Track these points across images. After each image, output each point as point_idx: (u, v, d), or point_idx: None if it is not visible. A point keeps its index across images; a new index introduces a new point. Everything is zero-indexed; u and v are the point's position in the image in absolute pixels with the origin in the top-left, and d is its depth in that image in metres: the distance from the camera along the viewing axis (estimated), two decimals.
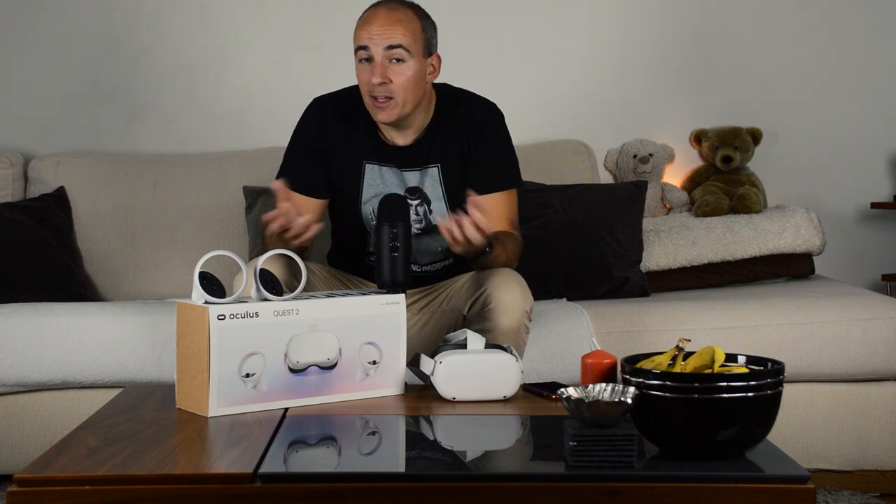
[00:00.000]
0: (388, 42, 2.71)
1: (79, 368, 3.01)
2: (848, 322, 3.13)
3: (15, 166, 3.70)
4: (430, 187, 2.83)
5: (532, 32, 4.02)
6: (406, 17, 2.74)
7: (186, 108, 3.96)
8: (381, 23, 2.72)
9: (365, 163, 2.83)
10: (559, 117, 4.03)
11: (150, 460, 1.91)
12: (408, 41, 2.72)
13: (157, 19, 3.94)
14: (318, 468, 1.96)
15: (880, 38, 4.08)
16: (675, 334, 3.01)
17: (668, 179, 4.02)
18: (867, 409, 3.15)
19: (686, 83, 4.06)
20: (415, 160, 2.83)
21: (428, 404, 2.33)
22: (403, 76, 2.72)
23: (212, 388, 2.19)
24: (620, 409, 1.86)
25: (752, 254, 3.61)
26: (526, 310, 2.68)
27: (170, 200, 3.68)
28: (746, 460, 1.90)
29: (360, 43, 2.73)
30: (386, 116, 2.74)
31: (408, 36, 2.72)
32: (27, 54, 3.91)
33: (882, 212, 4.09)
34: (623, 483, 1.82)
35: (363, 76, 2.75)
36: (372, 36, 2.71)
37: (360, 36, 2.73)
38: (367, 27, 2.73)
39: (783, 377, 1.92)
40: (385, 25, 2.71)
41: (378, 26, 2.71)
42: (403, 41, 2.72)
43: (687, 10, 4.05)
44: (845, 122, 4.08)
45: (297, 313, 2.27)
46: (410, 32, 2.73)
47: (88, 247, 3.62)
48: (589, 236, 3.50)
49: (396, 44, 2.71)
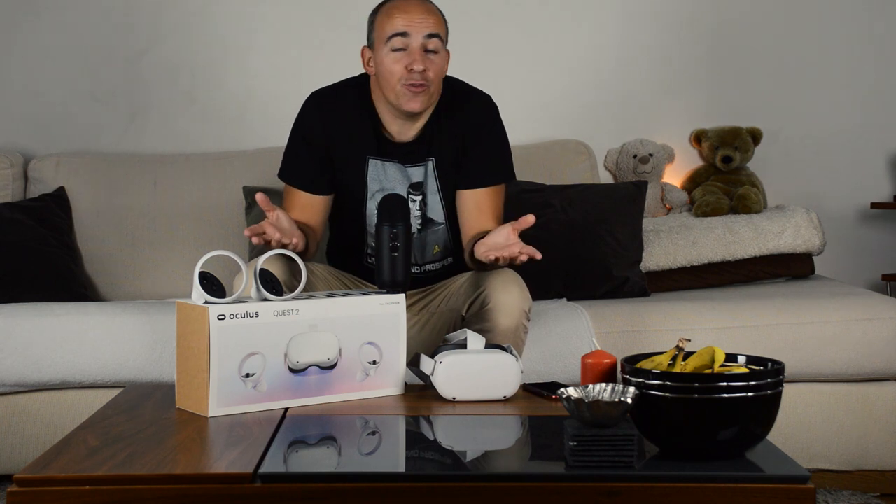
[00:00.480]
0: (428, 30, 2.70)
1: (79, 368, 3.01)
2: (848, 322, 3.13)
3: (15, 166, 3.70)
4: (430, 181, 2.82)
5: (532, 32, 4.02)
6: (436, 10, 2.76)
7: (186, 108, 3.96)
8: (419, 11, 2.71)
9: (368, 158, 2.81)
10: (559, 117, 4.03)
11: (150, 460, 1.91)
12: (442, 31, 2.74)
13: (157, 19, 3.94)
14: (318, 468, 1.96)
15: (880, 38, 4.08)
16: (675, 334, 3.01)
17: (668, 179, 4.02)
18: (867, 409, 3.14)
19: (686, 83, 4.06)
20: (417, 155, 2.81)
21: (428, 404, 2.33)
22: (438, 66, 2.73)
23: (212, 388, 2.19)
24: (620, 409, 1.86)
25: (752, 254, 3.61)
26: (524, 310, 2.67)
27: (170, 200, 3.68)
28: (746, 460, 1.90)
29: (399, 30, 2.70)
30: (418, 104, 2.72)
31: (441, 26, 2.74)
32: (27, 54, 3.91)
33: (882, 212, 4.09)
34: (623, 483, 1.82)
35: (396, 64, 2.70)
36: (413, 23, 2.70)
37: (395, 23, 2.70)
38: (406, 14, 2.70)
39: (783, 377, 1.92)
40: (423, 14, 2.71)
41: (418, 14, 2.70)
42: (440, 31, 2.73)
43: (687, 10, 4.04)
44: (845, 122, 4.08)
45: (297, 313, 2.27)
46: (442, 24, 2.75)
47: (88, 247, 3.62)
48: (589, 236, 3.50)
49: (436, 32, 2.71)
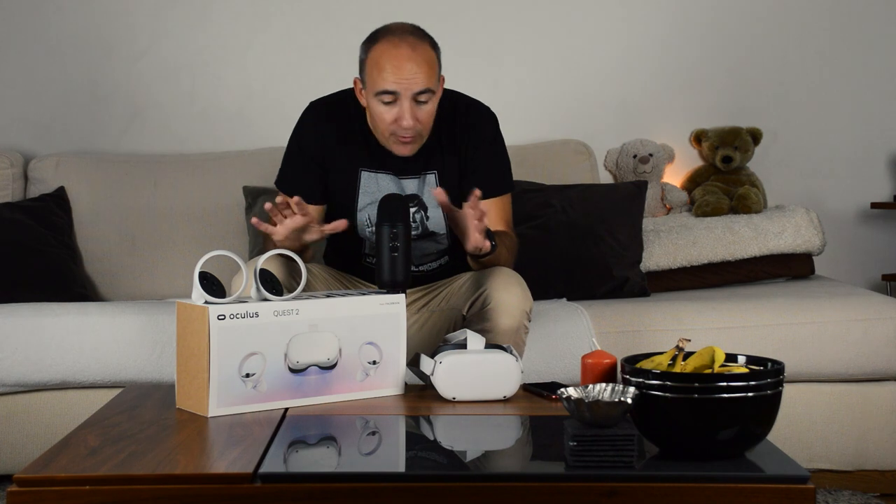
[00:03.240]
0: (418, 88, 2.64)
1: (79, 368, 3.01)
2: (848, 322, 3.13)
3: (15, 166, 3.70)
4: (427, 194, 2.83)
5: (533, 32, 4.02)
6: (427, 55, 2.66)
7: (186, 108, 3.96)
8: (409, 68, 2.63)
9: (362, 170, 2.82)
10: (559, 117, 4.03)
11: (150, 460, 1.91)
12: (433, 82, 2.67)
13: (157, 19, 3.94)
14: (318, 468, 1.96)
15: (880, 38, 4.08)
16: (675, 334, 3.01)
17: (668, 179, 4.02)
18: (867, 409, 3.14)
19: (686, 83, 4.06)
20: (413, 168, 2.81)
21: (428, 404, 2.33)
22: (428, 112, 2.70)
23: (212, 388, 2.19)
24: (620, 409, 1.86)
25: (752, 254, 3.61)
26: (525, 310, 2.67)
27: (170, 200, 3.68)
28: (746, 460, 1.90)
29: (386, 88, 2.64)
30: (408, 150, 2.72)
31: (433, 77, 2.67)
32: (27, 54, 3.91)
33: (882, 212, 4.09)
34: (623, 483, 1.82)
35: (386, 116, 2.67)
36: (400, 81, 2.63)
37: (384, 79, 2.64)
38: (397, 71, 2.63)
39: (783, 377, 1.92)
40: (413, 70, 2.63)
41: (406, 71, 2.63)
42: (431, 84, 2.66)
43: (687, 10, 4.04)
44: (845, 122, 4.08)
45: (297, 313, 2.27)
46: (434, 72, 2.68)
47: (88, 247, 3.62)
48: (589, 236, 3.50)
49: (426, 88, 2.66)
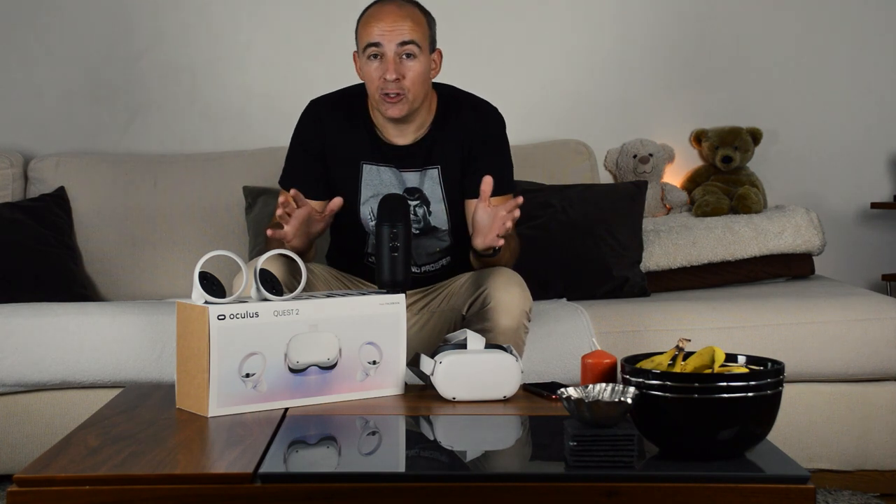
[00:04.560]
0: (400, 38, 2.70)
1: (79, 368, 3.01)
2: (848, 322, 3.13)
3: (15, 166, 3.70)
4: (429, 189, 2.83)
5: (532, 32, 4.02)
6: (413, 13, 2.75)
7: (186, 108, 3.96)
8: (392, 19, 2.71)
9: (363, 163, 2.82)
10: (559, 117, 4.02)
11: (150, 460, 1.91)
12: (418, 36, 2.72)
13: (157, 19, 3.94)
14: (318, 468, 1.96)
15: (880, 38, 4.08)
16: (675, 334, 3.00)
17: (668, 179, 4.02)
18: (867, 409, 3.14)
19: (686, 83, 4.06)
20: (415, 160, 2.82)
21: (428, 404, 2.33)
22: (414, 71, 2.72)
23: (212, 388, 2.19)
24: (620, 409, 1.86)
25: (752, 254, 3.61)
26: (525, 310, 2.68)
27: (170, 200, 3.68)
28: (746, 460, 1.90)
29: (371, 40, 2.71)
30: (397, 111, 2.73)
31: (417, 31, 2.73)
32: (27, 54, 3.91)
33: (882, 212, 4.09)
34: (623, 483, 1.82)
35: (373, 73, 2.73)
36: (384, 32, 2.70)
37: (370, 32, 2.72)
38: (378, 23, 2.71)
39: (783, 377, 1.92)
40: (396, 21, 2.71)
41: (389, 22, 2.71)
42: (415, 36, 2.72)
43: (687, 10, 4.04)
44: (845, 122, 4.08)
45: (297, 313, 2.27)
46: (419, 28, 2.74)
47: (88, 247, 3.62)
48: (589, 236, 3.50)
49: (409, 39, 2.71)
